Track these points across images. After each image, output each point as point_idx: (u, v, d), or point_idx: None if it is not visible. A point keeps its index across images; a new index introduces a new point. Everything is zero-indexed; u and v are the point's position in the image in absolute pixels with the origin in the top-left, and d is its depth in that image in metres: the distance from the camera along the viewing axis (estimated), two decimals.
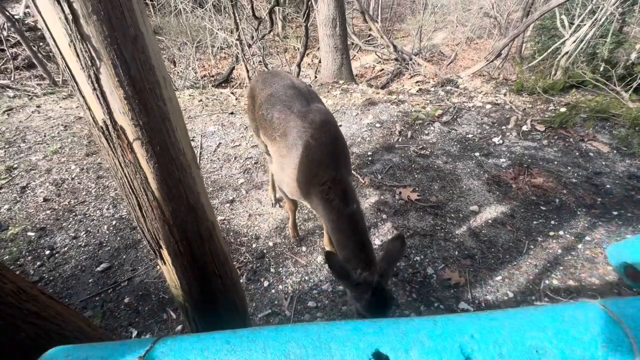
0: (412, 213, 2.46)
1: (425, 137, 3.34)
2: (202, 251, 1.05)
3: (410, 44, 10.37)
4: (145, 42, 0.73)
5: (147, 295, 1.99)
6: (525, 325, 0.48)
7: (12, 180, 2.98)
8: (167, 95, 0.82)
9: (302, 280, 2.04)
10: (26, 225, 2.49)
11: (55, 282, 2.09)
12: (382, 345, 0.48)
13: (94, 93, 0.71)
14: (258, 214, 2.54)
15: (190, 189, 0.95)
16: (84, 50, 0.65)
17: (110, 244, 2.34)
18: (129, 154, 0.80)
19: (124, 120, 0.75)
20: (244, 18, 7.82)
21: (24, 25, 8.27)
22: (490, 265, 2.07)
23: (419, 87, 4.90)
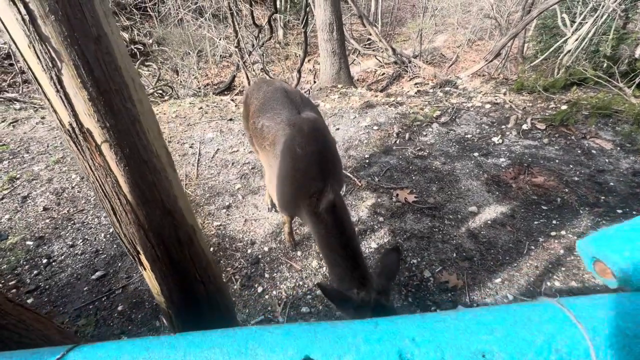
0: (409, 215, 2.42)
1: (423, 139, 3.31)
2: (181, 256, 1.03)
3: (411, 48, 10.37)
4: (110, 42, 0.72)
5: (140, 302, 1.98)
6: (472, 327, 0.44)
7: (14, 190, 3.02)
8: (137, 97, 0.81)
9: (297, 285, 2.01)
10: (25, 235, 2.51)
11: (51, 290, 2.09)
12: (314, 351, 0.45)
13: (57, 95, 0.70)
14: (254, 219, 2.52)
15: (166, 192, 0.93)
16: (44, 51, 0.64)
17: (106, 252, 2.34)
18: (97, 157, 0.79)
19: (90, 122, 0.74)
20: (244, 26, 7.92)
21: None
22: (489, 267, 2.01)
23: (418, 89, 4.88)
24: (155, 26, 10.24)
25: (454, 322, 0.46)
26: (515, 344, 0.41)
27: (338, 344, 0.44)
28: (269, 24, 7.08)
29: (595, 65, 4.63)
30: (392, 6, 13.30)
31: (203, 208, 2.65)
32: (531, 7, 8.07)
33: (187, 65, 8.92)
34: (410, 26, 11.76)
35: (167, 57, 9.25)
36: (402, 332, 0.45)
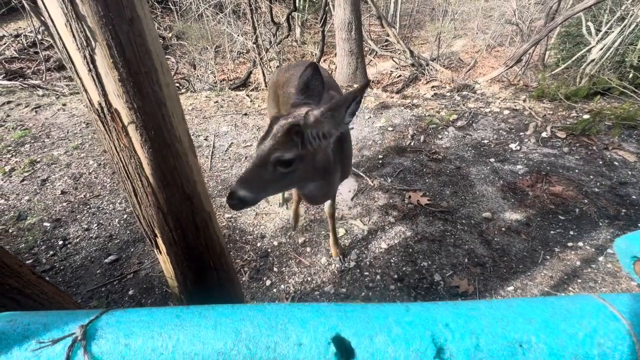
0: (421, 217, 2.39)
1: (438, 142, 3.26)
2: (197, 242, 1.04)
3: (428, 51, 10.26)
4: (142, 25, 0.73)
5: (151, 288, 2.01)
6: (508, 317, 0.43)
7: (34, 173, 3.11)
8: (164, 81, 0.82)
9: (305, 280, 2.01)
10: (43, 216, 2.58)
11: (66, 271, 2.15)
12: (345, 330, 0.44)
13: (89, 74, 0.71)
14: (265, 213, 2.53)
15: (186, 177, 0.94)
16: (79, 30, 0.66)
17: (119, 237, 2.38)
18: (123, 138, 0.81)
19: (119, 103, 0.75)
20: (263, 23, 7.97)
21: None
22: (501, 275, 1.97)
23: (435, 92, 4.82)
24: (176, 20, 10.40)
25: (489, 310, 0.44)
26: (555, 336, 0.40)
27: (369, 324, 0.44)
28: (287, 22, 7.11)
29: (621, 75, 4.49)
30: (411, 9, 13.17)
31: (215, 200, 2.68)
32: (555, 14, 7.89)
33: (204, 59, 9.03)
34: (428, 29, 11.64)
35: (186, 51, 9.39)
36: (435, 317, 0.44)
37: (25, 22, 8.93)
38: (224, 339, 0.44)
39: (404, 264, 2.07)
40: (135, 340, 0.44)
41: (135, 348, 0.43)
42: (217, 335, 0.45)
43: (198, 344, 0.44)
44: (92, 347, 0.43)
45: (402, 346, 0.42)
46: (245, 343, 0.44)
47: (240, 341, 0.44)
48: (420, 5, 14.61)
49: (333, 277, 2.03)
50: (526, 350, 0.39)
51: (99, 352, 0.43)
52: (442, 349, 0.41)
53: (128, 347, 0.43)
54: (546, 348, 0.39)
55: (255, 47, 6.65)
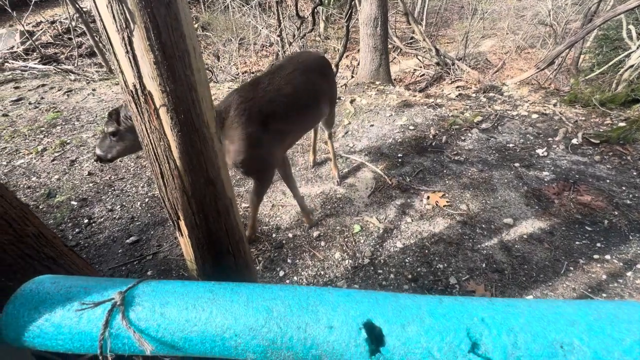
0: (439, 219, 2.35)
1: (461, 143, 3.18)
2: (218, 226, 1.06)
3: (454, 50, 10.00)
4: (179, 9, 0.74)
5: (168, 270, 2.07)
6: (549, 317, 0.41)
7: (64, 154, 3.25)
8: (196, 66, 0.83)
9: (318, 274, 2.02)
10: (71, 195, 2.70)
11: (89, 248, 2.24)
12: (376, 317, 0.44)
13: (126, 56, 0.73)
14: (281, 205, 2.55)
15: (211, 162, 0.96)
16: (120, 12, 0.67)
17: (141, 219, 2.46)
18: (154, 120, 0.82)
19: (152, 85, 0.77)
20: (288, 16, 7.98)
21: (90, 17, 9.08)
22: (521, 283, 1.91)
23: (459, 92, 4.69)
24: (202, 11, 10.57)
25: (528, 309, 0.43)
26: (600, 340, 0.38)
27: (401, 313, 0.43)
28: (312, 16, 7.08)
29: None
30: (439, 6, 12.85)
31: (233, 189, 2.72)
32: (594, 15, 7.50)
33: (228, 51, 9.15)
34: (456, 28, 11.34)
35: (210, 42, 9.54)
36: (470, 312, 0.43)
37: (61, 9, 9.30)
38: (255, 315, 0.45)
39: (419, 265, 2.04)
40: (170, 310, 0.45)
41: (170, 317, 0.44)
42: (249, 311, 0.45)
43: (230, 318, 0.45)
44: (130, 313, 0.45)
45: (435, 337, 0.41)
46: (276, 321, 0.44)
47: (272, 319, 0.44)
48: (449, 3, 14.23)
49: (346, 272, 2.02)
50: (568, 352, 0.37)
51: (136, 318, 0.45)
52: (477, 344, 0.40)
53: (163, 315, 0.44)
54: (589, 352, 0.37)
55: (279, 40, 6.67)
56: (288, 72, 1.83)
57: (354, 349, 0.43)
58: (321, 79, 2.02)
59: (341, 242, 2.22)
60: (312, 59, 2.05)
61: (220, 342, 0.45)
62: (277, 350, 0.43)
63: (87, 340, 0.44)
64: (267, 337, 0.44)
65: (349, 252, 2.15)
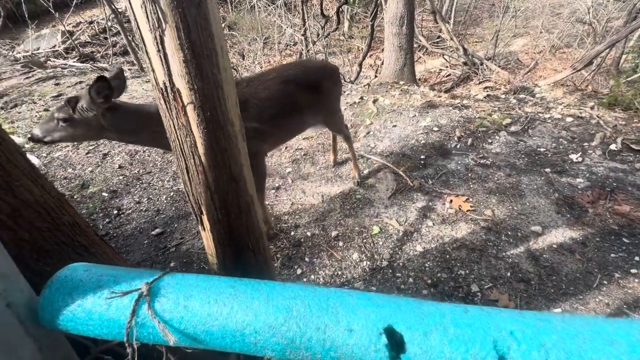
0: (462, 224, 2.28)
1: (487, 146, 3.07)
2: (239, 223, 1.08)
3: (483, 50, 9.65)
4: (208, 9, 0.76)
5: (189, 263, 2.13)
6: (585, 334, 0.38)
7: (97, 148, 3.42)
8: (223, 64, 0.85)
9: (335, 274, 2.01)
10: (102, 187, 2.84)
11: (118, 238, 2.35)
12: (397, 323, 0.42)
13: (157, 54, 0.75)
14: (300, 204, 2.56)
15: (235, 160, 0.97)
16: (153, 12, 0.70)
17: (165, 212, 2.55)
18: (182, 117, 0.85)
19: (181, 83, 0.79)
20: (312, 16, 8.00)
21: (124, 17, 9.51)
22: (548, 294, 1.81)
23: (487, 93, 4.52)
24: (229, 11, 10.80)
25: (562, 324, 0.40)
26: None
27: (424, 320, 0.42)
28: (337, 15, 7.06)
29: None
30: (468, 4, 12.44)
31: None
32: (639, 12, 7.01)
33: (252, 50, 9.30)
34: (485, 27, 10.95)
35: (236, 41, 9.73)
36: (498, 323, 0.41)
37: (98, 10, 9.78)
38: (275, 313, 0.45)
39: (439, 270, 1.99)
40: (193, 303, 0.46)
41: (193, 311, 0.45)
42: (269, 309, 0.46)
43: (250, 314, 0.46)
44: (155, 304, 0.47)
45: (459, 348, 0.39)
46: (295, 321, 0.44)
47: (291, 318, 0.44)
48: (479, 1, 13.75)
49: (364, 274, 2.00)
50: None
51: (161, 309, 0.47)
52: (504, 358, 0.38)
53: (187, 308, 0.45)
54: None
55: (303, 39, 6.70)
56: (268, 79, 1.88)
57: (374, 354, 0.42)
58: (306, 91, 2.00)
59: (359, 243, 2.20)
60: (300, 71, 2.05)
61: (240, 337, 0.45)
62: (295, 350, 0.44)
63: (115, 327, 0.47)
64: (287, 336, 0.44)
65: (367, 253, 2.13)
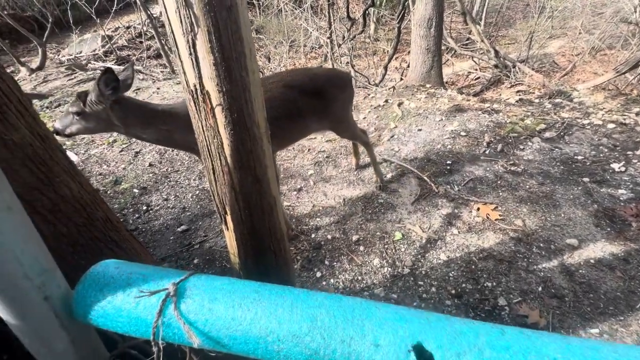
0: (489, 233, 2.18)
1: (519, 153, 2.93)
2: (261, 224, 1.09)
3: (516, 52, 9.25)
4: (238, 13, 0.77)
5: (212, 260, 2.18)
6: None
7: (130, 146, 3.59)
8: (251, 67, 0.86)
9: (355, 279, 1.98)
10: (133, 183, 2.98)
11: (146, 233, 2.45)
12: (427, 340, 0.40)
13: (189, 57, 0.78)
14: (322, 206, 2.56)
15: (259, 161, 0.98)
16: (187, 16, 0.72)
17: (191, 210, 2.63)
18: (210, 119, 0.87)
19: (210, 85, 0.81)
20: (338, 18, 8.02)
21: (158, 22, 9.97)
22: (584, 313, 1.69)
23: (520, 97, 4.32)
24: (257, 15, 11.04)
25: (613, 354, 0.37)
26: None
27: (456, 340, 0.40)
28: (363, 18, 7.03)
29: None
30: (500, 4, 11.98)
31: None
32: None
33: (278, 53, 9.45)
34: (519, 28, 10.49)
35: (263, 44, 9.93)
36: (539, 348, 0.38)
37: (135, 15, 10.31)
38: (299, 322, 0.45)
39: (464, 280, 1.91)
40: (218, 306, 0.47)
41: (218, 314, 0.46)
42: (293, 317, 0.45)
43: (274, 321, 0.45)
44: (181, 305, 0.48)
45: None
46: (320, 331, 0.43)
47: (315, 328, 0.44)
48: (512, 1, 13.22)
49: (384, 280, 1.96)
50: None
51: (186, 310, 0.47)
52: None
53: (211, 311, 0.46)
54: None
55: (328, 42, 6.73)
56: (270, 82, 1.88)
57: None
58: (309, 97, 1.98)
59: (381, 248, 2.16)
60: (306, 77, 2.04)
61: (263, 344, 0.45)
62: None
63: (142, 325, 0.48)
64: (310, 346, 0.43)
65: (388, 259, 2.09)
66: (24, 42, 8.87)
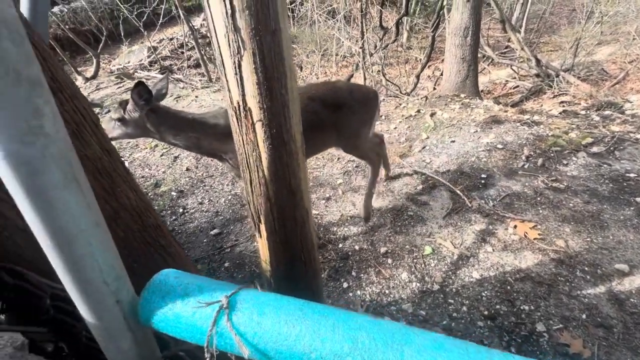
0: (527, 253, 2.06)
1: (562, 168, 2.76)
2: (293, 234, 1.12)
3: (559, 59, 8.75)
4: (281, 36, 0.81)
5: (242, 265, 2.25)
6: None
7: (170, 151, 3.82)
8: (290, 85, 0.90)
9: (382, 292, 1.96)
10: (171, 187, 3.16)
11: (182, 235, 2.58)
12: None
13: (234, 77, 0.83)
14: (350, 216, 2.56)
15: (294, 174, 1.02)
16: (234, 40, 0.77)
17: (224, 214, 2.74)
18: (250, 133, 0.91)
19: (252, 102, 0.86)
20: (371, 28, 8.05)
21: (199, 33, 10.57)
22: (635, 347, 1.55)
23: (564, 109, 4.08)
24: (291, 26, 11.37)
25: None
26: None
27: None
28: (396, 27, 7.00)
29: None
30: (543, 10, 11.42)
31: None
32: None
33: (310, 62, 9.64)
34: (564, 34, 9.92)
35: (295, 53, 10.18)
36: None
37: (178, 28, 11.00)
38: (341, 342, 0.46)
39: (498, 302, 1.82)
40: (265, 320, 0.50)
41: (265, 328, 0.49)
42: (335, 337, 0.47)
43: (317, 339, 0.47)
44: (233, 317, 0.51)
45: None
46: (360, 353, 0.45)
47: (357, 350, 0.45)
48: (556, 7, 12.57)
49: (412, 295, 1.92)
50: None
51: (237, 322, 0.51)
52: None
53: (260, 325, 0.49)
54: None
55: (360, 51, 6.77)
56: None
57: None
58: (330, 109, 1.98)
59: (409, 262, 2.12)
60: (329, 89, 2.05)
61: None
62: None
63: (197, 333, 0.52)
64: None
65: (417, 274, 2.04)
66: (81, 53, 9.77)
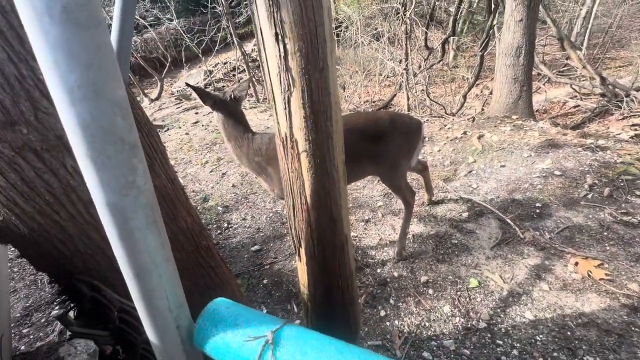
0: (591, 295, 1.84)
1: (633, 200, 2.45)
2: (332, 261, 1.13)
3: (629, 76, 7.92)
4: (329, 73, 0.86)
5: (280, 283, 2.29)
6: None
7: (218, 167, 4.08)
8: (335, 117, 0.94)
9: (422, 324, 1.86)
10: (218, 201, 3.35)
11: (225, 249, 2.71)
12: None
13: (284, 111, 0.89)
14: (389, 240, 2.50)
15: (335, 202, 1.04)
16: (285, 78, 0.84)
17: (264, 231, 2.83)
18: (295, 162, 0.96)
19: (299, 134, 0.91)
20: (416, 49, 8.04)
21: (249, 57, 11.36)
22: None
23: (635, 133, 3.66)
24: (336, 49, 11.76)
25: None
26: None
27: None
28: (442, 47, 6.92)
29: None
30: (608, 24, 10.52)
31: None
32: None
33: (353, 82, 9.82)
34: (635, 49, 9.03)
35: (339, 74, 10.46)
36: None
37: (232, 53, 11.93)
38: None
39: (555, 348, 1.63)
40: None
41: None
42: None
43: None
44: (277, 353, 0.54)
45: None
46: None
47: None
48: (625, 19, 11.52)
49: (455, 331, 1.80)
50: None
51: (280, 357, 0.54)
52: None
53: None
54: None
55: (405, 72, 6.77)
56: None
57: None
58: (369, 141, 2.01)
59: (452, 294, 2.00)
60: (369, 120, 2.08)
61: None
62: None
63: None
64: None
65: (461, 308, 1.91)
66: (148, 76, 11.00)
